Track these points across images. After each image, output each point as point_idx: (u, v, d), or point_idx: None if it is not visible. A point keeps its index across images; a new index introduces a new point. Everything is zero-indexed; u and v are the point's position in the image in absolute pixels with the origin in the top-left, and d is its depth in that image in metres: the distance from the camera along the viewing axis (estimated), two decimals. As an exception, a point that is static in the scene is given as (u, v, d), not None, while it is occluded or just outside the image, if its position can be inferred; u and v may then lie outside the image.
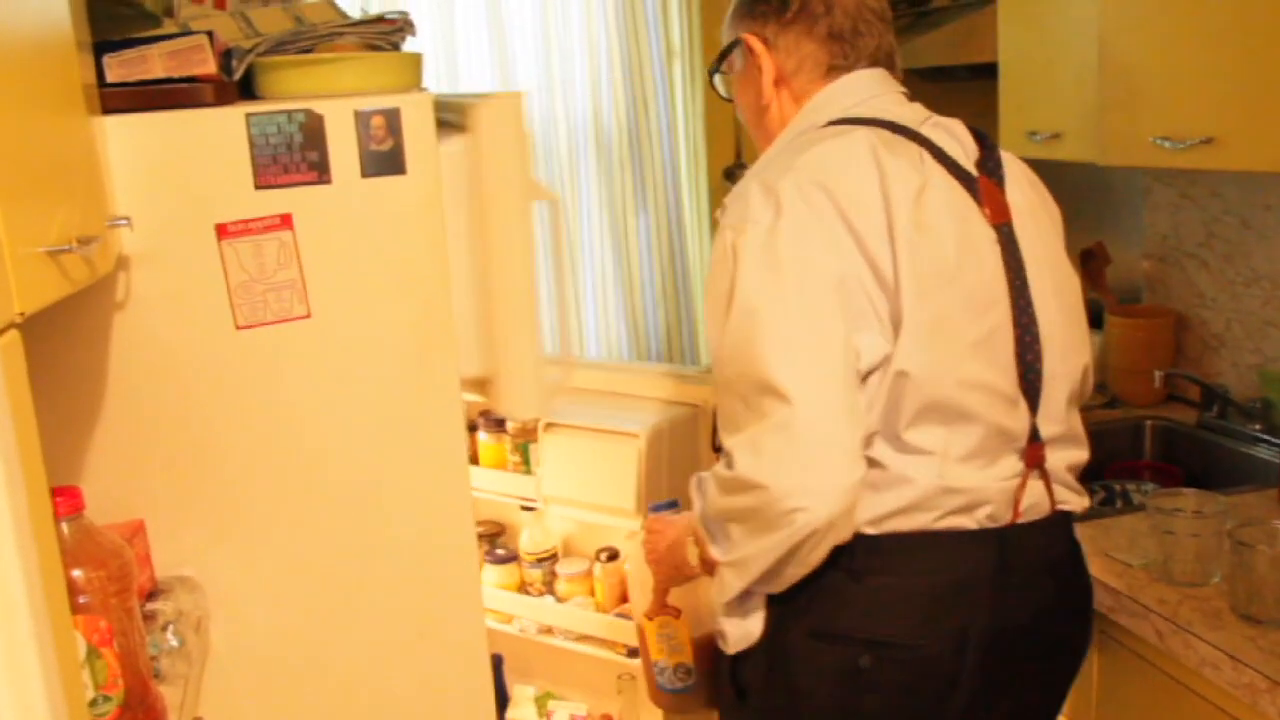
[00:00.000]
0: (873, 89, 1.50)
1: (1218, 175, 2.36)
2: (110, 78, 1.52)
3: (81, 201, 1.22)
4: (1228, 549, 1.59)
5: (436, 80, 2.70)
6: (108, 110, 1.51)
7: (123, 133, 1.52)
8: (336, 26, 1.70)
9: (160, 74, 1.54)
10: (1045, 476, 1.47)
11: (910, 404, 1.36)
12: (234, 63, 1.62)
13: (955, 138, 1.47)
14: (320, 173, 1.60)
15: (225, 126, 1.56)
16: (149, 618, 1.42)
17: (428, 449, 1.71)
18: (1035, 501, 1.45)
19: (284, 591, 1.69)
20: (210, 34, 1.56)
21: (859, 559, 1.38)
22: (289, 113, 1.57)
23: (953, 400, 1.37)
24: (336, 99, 1.60)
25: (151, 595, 1.52)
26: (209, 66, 1.55)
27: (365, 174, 1.62)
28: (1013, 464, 1.43)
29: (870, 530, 1.38)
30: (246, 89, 1.67)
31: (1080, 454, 1.53)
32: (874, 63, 1.52)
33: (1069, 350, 1.48)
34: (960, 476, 1.38)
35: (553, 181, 2.80)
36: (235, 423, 1.63)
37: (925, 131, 1.45)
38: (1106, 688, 1.74)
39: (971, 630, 1.39)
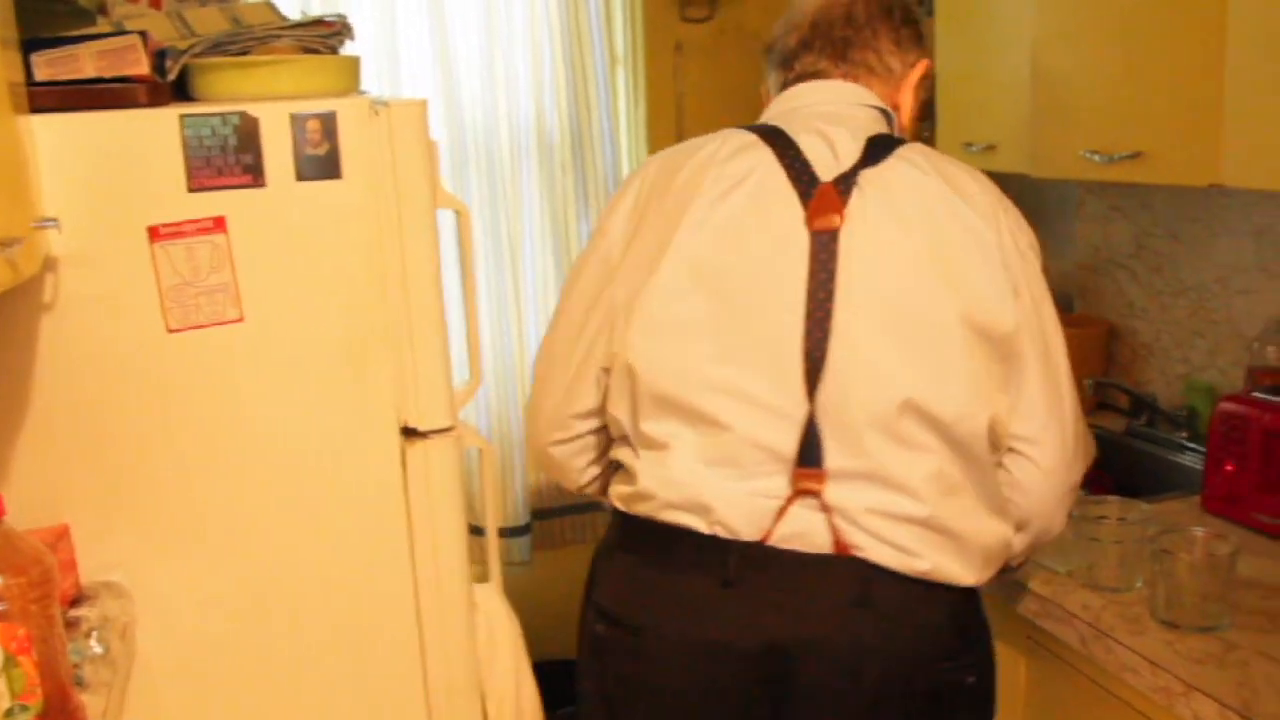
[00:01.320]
0: (797, 99, 1.55)
1: (1147, 188, 2.40)
2: (39, 76, 1.50)
3: (4, 202, 1.20)
4: (1149, 556, 1.62)
5: (378, 83, 2.69)
6: (36, 109, 1.48)
7: (52, 132, 1.50)
8: (273, 29, 1.68)
9: (91, 74, 1.52)
10: (828, 510, 1.34)
11: (642, 396, 1.40)
12: (168, 63, 1.60)
13: (831, 145, 1.43)
14: (255, 176, 1.58)
15: (158, 128, 1.54)
16: (72, 624, 1.40)
17: (361, 455, 1.70)
18: (801, 531, 1.34)
19: (215, 598, 1.67)
20: (143, 34, 1.54)
21: (615, 534, 1.50)
22: (223, 115, 1.56)
23: (694, 402, 1.36)
24: (272, 102, 1.59)
25: (76, 601, 1.50)
26: (142, 67, 1.53)
27: (300, 178, 1.61)
28: (779, 485, 1.34)
29: (621, 507, 1.47)
30: (181, 90, 1.66)
31: (893, 500, 1.33)
32: (815, 75, 1.57)
33: (881, 379, 1.33)
34: (693, 476, 1.36)
35: (494, 184, 2.80)
36: (166, 426, 1.61)
37: (800, 138, 1.45)
38: (1033, 691, 1.77)
39: (680, 630, 1.37)
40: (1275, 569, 1.74)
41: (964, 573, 1.38)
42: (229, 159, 1.56)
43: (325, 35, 1.71)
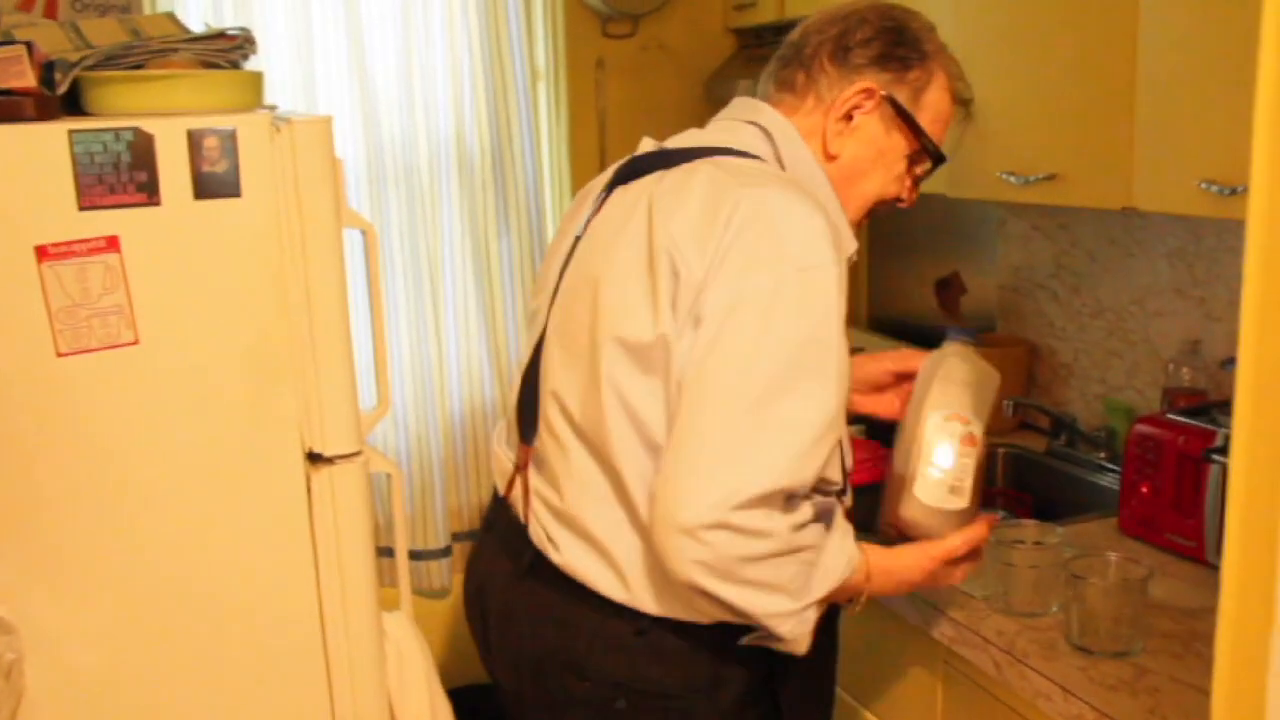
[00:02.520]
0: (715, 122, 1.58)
1: (1066, 209, 2.42)
2: (-82, 89, 1.44)
3: None
4: (1064, 580, 1.61)
5: (294, 99, 2.63)
6: (-85, 124, 1.43)
7: (-69, 148, 1.44)
8: (172, 42, 1.64)
9: (-27, 86, 1.46)
10: (526, 489, 1.48)
11: None
12: (57, 76, 1.55)
13: (657, 154, 1.50)
14: (149, 194, 1.53)
15: (46, 143, 1.48)
16: (-52, 664, 1.33)
17: (264, 483, 1.66)
18: (517, 497, 1.51)
19: (109, 633, 1.61)
20: (29, 44, 1.49)
21: None
22: (116, 131, 1.50)
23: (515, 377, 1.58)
24: (168, 117, 1.54)
25: (-44, 638, 1.44)
26: (28, 79, 1.48)
27: (198, 196, 1.56)
28: (518, 454, 1.52)
29: None
30: (74, 104, 1.60)
31: (545, 486, 1.44)
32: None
33: (548, 374, 1.46)
34: (496, 439, 1.61)
35: (414, 202, 2.75)
36: (56, 454, 1.55)
37: (649, 150, 1.53)
38: (948, 717, 1.76)
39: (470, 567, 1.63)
40: (1188, 592, 1.75)
41: (611, 586, 1.37)
42: (122, 176, 1.51)
43: (226, 49, 1.66)
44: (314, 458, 1.70)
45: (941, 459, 1.51)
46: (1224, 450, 1.83)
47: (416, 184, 2.75)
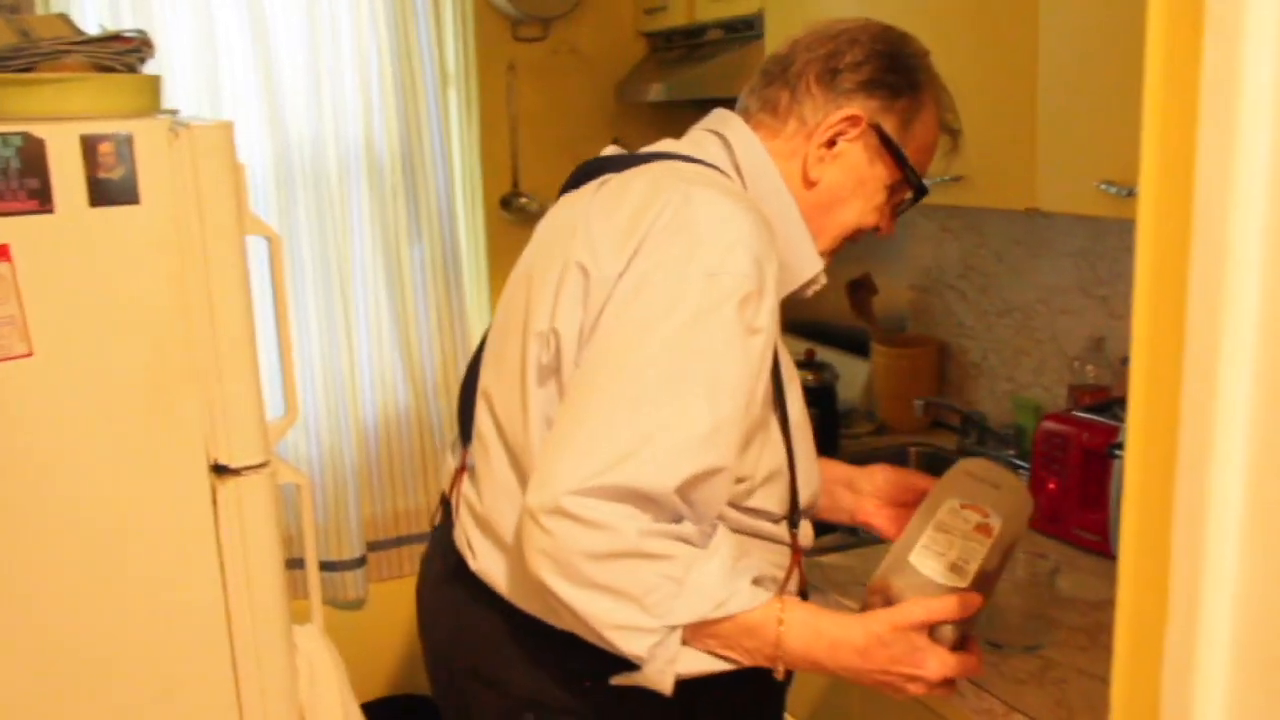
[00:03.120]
0: None
1: (975, 210, 2.46)
2: None
3: None
4: (974, 577, 1.63)
5: (197, 103, 2.58)
6: None
7: None
8: (64, 44, 1.59)
9: None
10: (460, 492, 1.45)
11: None
12: (-57, 81, 1.50)
13: (611, 158, 1.47)
14: (41, 201, 1.49)
15: (-68, 150, 1.44)
16: None
17: (168, 496, 1.62)
18: (454, 502, 1.46)
19: (6, 654, 1.56)
20: (-88, 49, 1.44)
21: None
22: (4, 136, 1.46)
23: None
24: (60, 122, 1.50)
25: None
26: (-89, 84, 1.43)
27: (94, 203, 1.52)
28: (461, 456, 1.48)
29: None
30: (-38, 109, 1.55)
31: (470, 487, 1.41)
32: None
33: (484, 375, 1.43)
34: (452, 442, 1.54)
35: (323, 208, 2.71)
36: (-53, 470, 1.50)
37: (606, 155, 1.50)
38: (863, 716, 1.77)
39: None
40: (1095, 585, 1.78)
41: (513, 590, 1.33)
42: (12, 183, 1.47)
43: (122, 52, 1.62)
44: (219, 470, 1.66)
45: (947, 535, 1.34)
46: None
47: (325, 189, 2.71)
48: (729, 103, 1.49)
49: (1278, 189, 0.62)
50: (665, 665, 1.18)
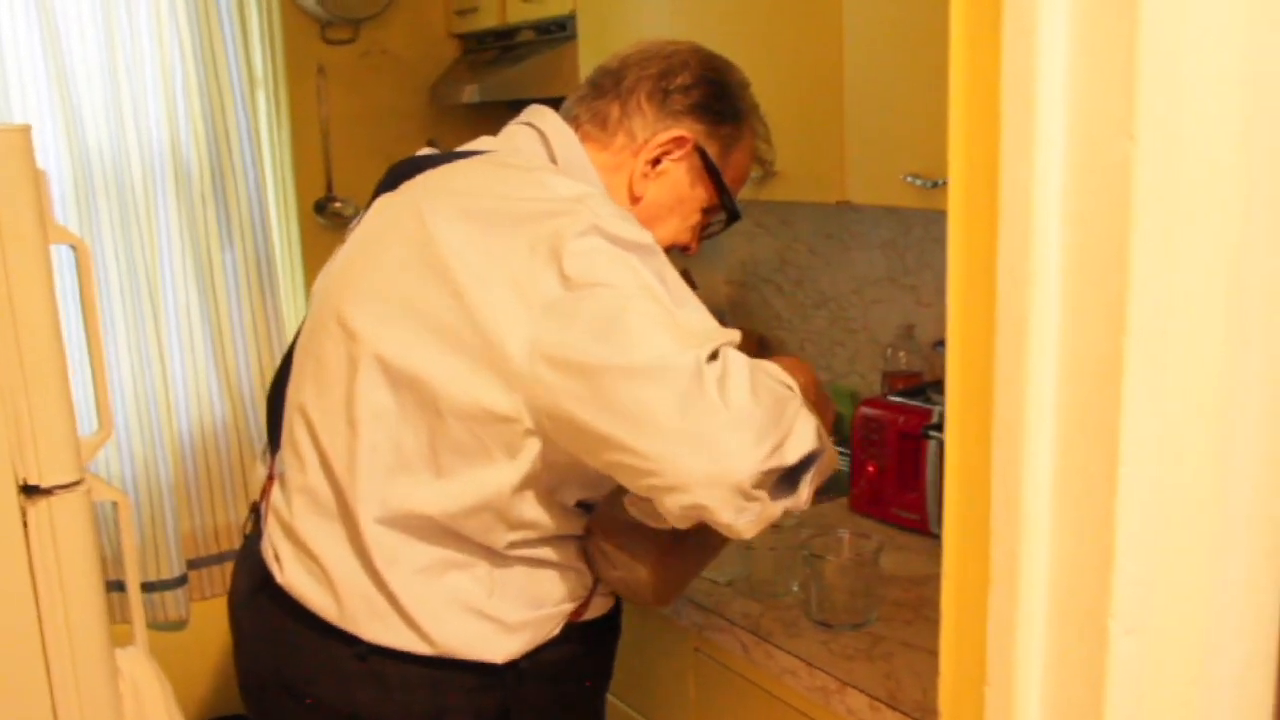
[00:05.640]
0: None
1: (787, 205, 2.53)
2: None
3: None
4: (801, 560, 1.69)
5: (-15, 107, 2.46)
6: None
7: None
8: None
9: None
10: (269, 502, 1.44)
11: None
12: None
13: (423, 158, 1.47)
14: None
15: None
16: None
17: (-28, 519, 1.54)
18: (264, 512, 1.46)
19: None
20: None
21: None
22: None
23: None
24: None
25: None
26: None
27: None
28: (271, 464, 1.46)
29: None
30: None
31: (284, 512, 1.40)
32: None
33: (299, 388, 1.41)
34: (262, 451, 1.55)
35: (128, 217, 2.61)
36: None
37: (419, 155, 1.50)
38: (702, 703, 1.81)
39: None
40: (915, 562, 1.86)
41: (327, 607, 1.34)
42: None
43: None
44: (29, 490, 1.59)
45: None
46: (940, 427, 1.96)
47: (130, 197, 2.62)
48: (544, 104, 1.51)
49: (1074, 175, 0.67)
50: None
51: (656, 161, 1.45)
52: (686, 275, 2.77)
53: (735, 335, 1.26)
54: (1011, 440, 0.72)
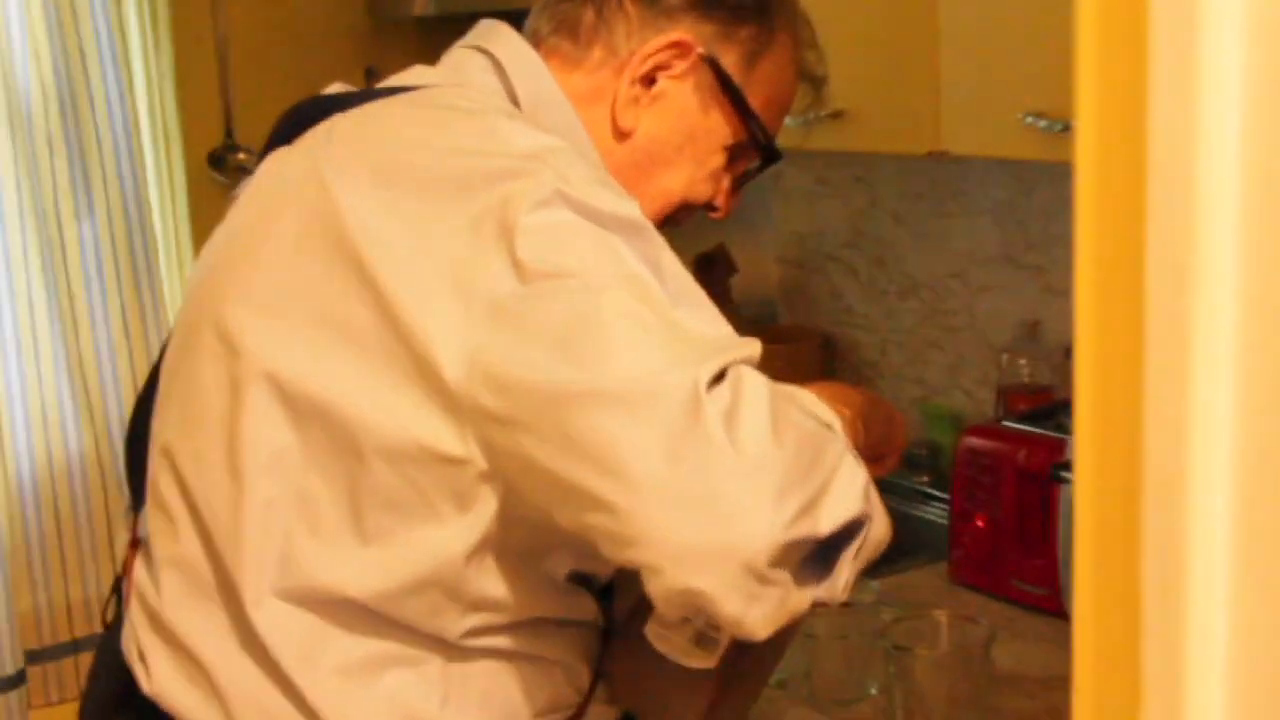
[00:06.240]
0: None
1: (862, 158, 2.51)
2: None
3: None
4: (882, 654, 1.66)
5: None
6: None
7: None
8: None
9: None
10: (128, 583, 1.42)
11: None
12: None
13: (332, 98, 1.46)
14: None
15: None
16: None
17: None
18: (126, 590, 1.45)
19: None
20: None
21: None
22: None
23: None
24: None
25: None
26: None
27: None
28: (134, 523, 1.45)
29: None
30: None
31: (151, 592, 1.39)
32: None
33: (164, 422, 1.40)
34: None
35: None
36: None
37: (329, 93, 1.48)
38: None
39: None
40: (1043, 656, 1.84)
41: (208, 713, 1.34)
42: None
43: None
44: None
45: None
46: (1075, 465, 1.93)
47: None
48: (518, 18, 1.49)
49: (1257, 109, 0.64)
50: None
51: (651, 80, 1.42)
52: (722, 253, 2.75)
53: (754, 348, 1.21)
54: (1170, 493, 0.69)
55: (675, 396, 1.11)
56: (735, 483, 1.10)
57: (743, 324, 2.65)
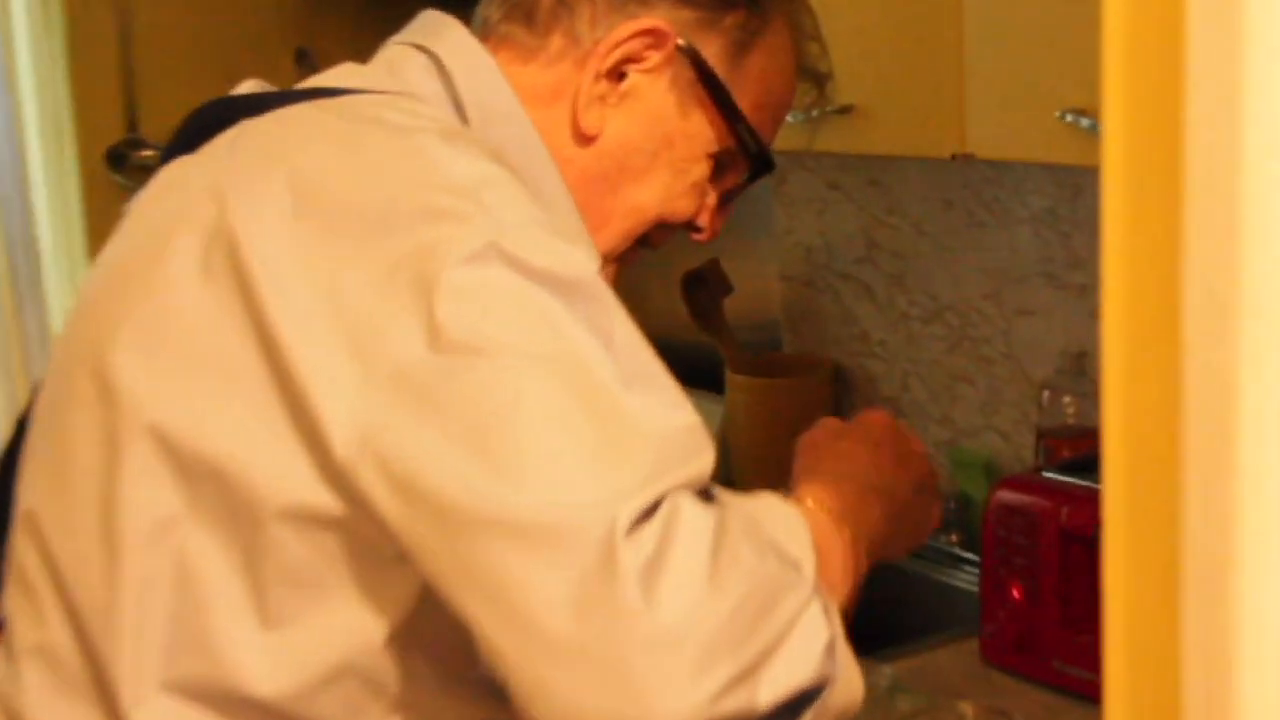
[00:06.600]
0: None
1: (880, 161, 2.51)
2: None
3: None
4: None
5: None
6: None
7: None
8: None
9: None
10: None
11: None
12: None
13: (243, 99, 1.44)
14: None
15: None
16: None
17: None
18: None
19: None
20: None
21: None
22: None
23: None
24: None
25: None
26: None
27: None
28: None
29: None
30: None
31: (12, 691, 1.36)
32: None
33: (29, 484, 1.36)
34: None
35: None
36: None
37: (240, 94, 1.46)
38: None
39: None
40: (1089, 749, 1.84)
41: None
42: None
43: None
44: None
45: None
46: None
47: None
48: (468, 5, 1.48)
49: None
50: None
51: (619, 75, 1.40)
52: (714, 270, 2.75)
53: (704, 459, 1.16)
54: (1210, 573, 0.70)
55: (591, 535, 1.08)
56: (645, 654, 1.07)
57: (739, 352, 2.66)
